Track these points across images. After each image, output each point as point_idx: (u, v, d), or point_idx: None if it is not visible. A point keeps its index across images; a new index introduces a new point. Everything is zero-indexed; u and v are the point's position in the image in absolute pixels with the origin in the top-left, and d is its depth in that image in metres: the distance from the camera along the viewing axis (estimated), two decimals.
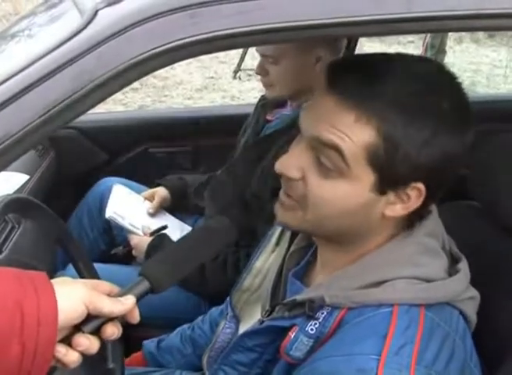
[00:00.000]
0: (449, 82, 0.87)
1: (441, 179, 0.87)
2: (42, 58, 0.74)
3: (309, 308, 0.88)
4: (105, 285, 0.80)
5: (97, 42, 0.74)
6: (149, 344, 1.50)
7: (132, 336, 1.75)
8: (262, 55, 1.73)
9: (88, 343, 0.73)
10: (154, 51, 0.74)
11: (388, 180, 0.84)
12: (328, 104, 0.83)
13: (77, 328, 0.74)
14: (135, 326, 1.79)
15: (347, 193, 0.84)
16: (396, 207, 0.86)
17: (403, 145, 0.81)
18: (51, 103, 0.73)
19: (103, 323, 0.76)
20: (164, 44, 0.74)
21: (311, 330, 0.87)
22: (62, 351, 0.72)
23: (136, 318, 0.79)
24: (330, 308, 0.87)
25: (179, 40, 0.74)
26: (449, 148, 0.83)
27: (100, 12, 0.77)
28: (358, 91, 0.81)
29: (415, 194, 0.85)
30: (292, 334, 0.89)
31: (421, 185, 0.84)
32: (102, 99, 0.75)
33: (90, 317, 0.74)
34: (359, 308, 0.85)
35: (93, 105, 0.76)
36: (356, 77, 0.83)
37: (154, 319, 1.79)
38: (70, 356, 0.73)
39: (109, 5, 0.77)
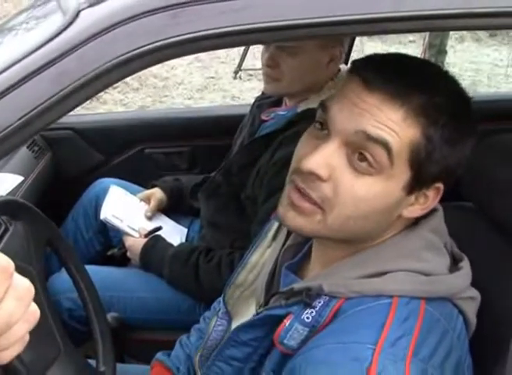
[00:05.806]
0: (456, 82, 0.89)
1: (455, 178, 0.88)
2: (22, 59, 0.73)
3: (306, 296, 0.86)
4: None
5: (78, 43, 0.73)
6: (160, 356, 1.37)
7: (127, 338, 1.75)
8: (278, 46, 1.63)
9: None
10: (136, 51, 0.73)
11: (420, 179, 0.84)
12: (371, 101, 0.82)
13: None
14: (131, 329, 1.79)
15: (381, 191, 0.83)
16: (415, 208, 0.87)
17: (440, 145, 0.82)
18: (30, 105, 0.72)
19: None
20: (146, 45, 0.73)
21: (307, 318, 0.85)
22: None
23: None
24: (328, 298, 0.85)
25: (161, 40, 0.73)
26: (467, 148, 0.86)
27: (82, 13, 0.76)
28: (404, 89, 0.81)
29: (433, 195, 0.87)
30: (287, 322, 0.87)
31: (441, 185, 0.86)
32: (83, 101, 0.74)
33: None
34: (357, 298, 0.83)
35: (74, 107, 0.75)
36: (395, 76, 0.82)
37: (149, 321, 1.80)
38: None
39: (91, 5, 0.76)
